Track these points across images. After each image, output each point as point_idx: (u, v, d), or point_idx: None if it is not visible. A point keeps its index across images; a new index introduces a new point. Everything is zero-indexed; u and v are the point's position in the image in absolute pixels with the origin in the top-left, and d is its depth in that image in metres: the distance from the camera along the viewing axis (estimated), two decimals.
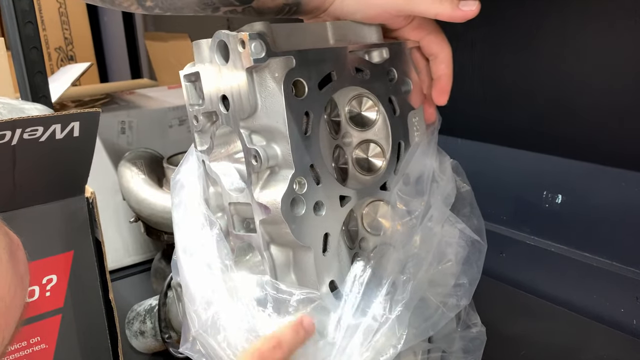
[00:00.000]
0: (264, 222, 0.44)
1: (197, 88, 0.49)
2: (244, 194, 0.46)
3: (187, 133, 1.05)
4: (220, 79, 0.45)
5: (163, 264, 0.87)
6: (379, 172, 0.51)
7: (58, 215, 0.60)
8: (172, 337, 0.73)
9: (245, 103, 0.43)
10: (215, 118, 0.48)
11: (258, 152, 0.43)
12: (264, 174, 0.44)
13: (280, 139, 0.43)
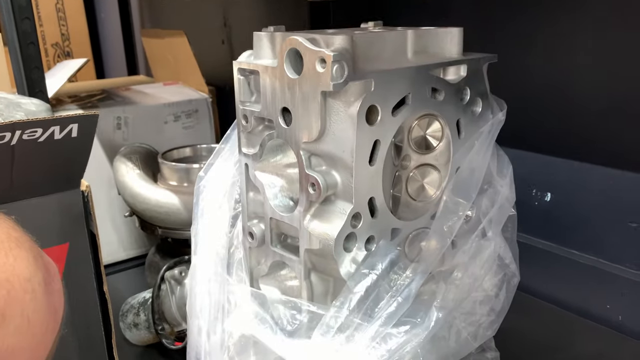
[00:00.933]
0: (310, 251, 0.41)
1: (250, 85, 0.45)
2: (290, 215, 0.42)
3: (182, 129, 1.06)
4: (284, 89, 0.40)
5: (157, 258, 0.88)
6: (432, 200, 0.47)
7: (54, 207, 0.61)
8: (165, 329, 0.75)
9: (311, 125, 0.39)
10: (269, 124, 0.44)
11: (318, 181, 0.39)
12: (318, 201, 0.41)
13: (343, 169, 0.39)
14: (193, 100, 1.07)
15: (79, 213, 0.64)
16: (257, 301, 0.43)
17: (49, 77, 0.94)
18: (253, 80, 0.44)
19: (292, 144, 0.41)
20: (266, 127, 0.44)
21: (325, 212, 0.40)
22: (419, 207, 0.47)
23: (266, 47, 0.42)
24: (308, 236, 0.41)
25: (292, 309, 0.42)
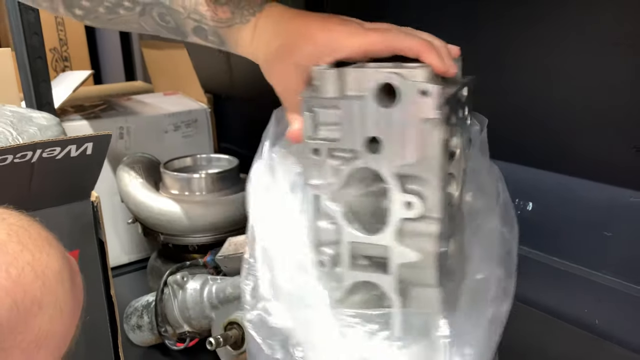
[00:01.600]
0: (405, 265, 0.45)
1: (315, 118, 0.46)
2: (378, 236, 0.45)
3: (181, 138, 1.11)
4: (373, 120, 0.43)
5: (159, 263, 0.93)
6: (454, 206, 0.51)
7: (66, 217, 0.66)
8: (168, 331, 0.79)
9: (407, 151, 0.43)
10: (346, 155, 0.46)
11: (415, 201, 0.43)
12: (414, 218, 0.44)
13: (429, 187, 0.44)
14: (193, 111, 1.11)
15: (89, 222, 0.68)
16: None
17: (53, 87, 0.98)
18: (321, 115, 0.46)
19: (381, 169, 0.44)
20: (339, 157, 0.46)
21: (414, 228, 0.45)
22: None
23: (331, 82, 0.45)
24: (401, 251, 0.45)
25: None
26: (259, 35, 0.51)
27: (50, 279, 0.39)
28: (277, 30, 0.51)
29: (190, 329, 0.78)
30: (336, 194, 0.46)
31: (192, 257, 0.88)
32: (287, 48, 0.50)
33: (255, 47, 0.52)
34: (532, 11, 0.85)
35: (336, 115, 0.45)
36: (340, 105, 0.44)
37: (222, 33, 0.52)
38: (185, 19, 0.51)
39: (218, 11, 0.51)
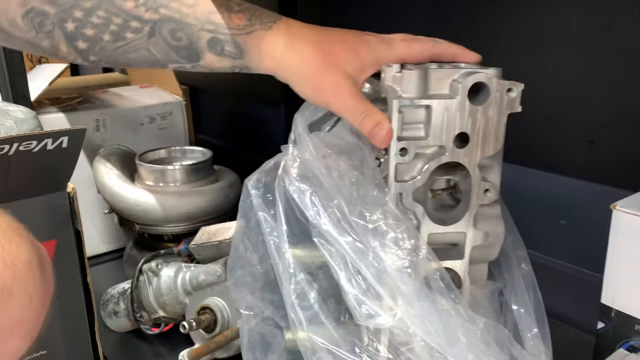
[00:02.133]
0: (478, 247, 0.50)
1: (402, 119, 0.47)
2: (456, 224, 0.49)
3: (157, 131, 1.13)
4: (463, 117, 0.46)
5: (134, 252, 0.96)
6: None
7: (42, 208, 0.68)
8: (143, 317, 0.82)
9: (492, 143, 0.47)
10: (432, 151, 0.48)
11: (493, 187, 0.48)
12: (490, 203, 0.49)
13: (496, 177, 0.50)
14: (168, 104, 1.13)
15: (65, 212, 0.71)
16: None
17: (29, 80, 1.00)
18: (407, 115, 0.47)
19: (465, 162, 0.48)
20: (423, 155, 0.48)
21: (486, 212, 0.50)
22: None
23: (415, 83, 0.47)
24: (475, 234, 0.50)
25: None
26: (288, 42, 0.49)
27: (20, 268, 0.41)
28: (313, 41, 0.49)
29: (165, 314, 0.81)
30: (417, 191, 0.49)
31: (167, 246, 0.91)
32: (332, 60, 0.48)
33: (285, 56, 0.49)
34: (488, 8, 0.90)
35: (422, 114, 0.47)
36: (433, 105, 0.46)
37: (241, 41, 0.48)
38: (199, 32, 0.47)
39: (233, 18, 0.48)
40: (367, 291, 0.48)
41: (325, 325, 0.52)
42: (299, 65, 0.49)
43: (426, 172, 0.48)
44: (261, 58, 0.49)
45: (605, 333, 0.60)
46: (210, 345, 0.75)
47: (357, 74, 0.49)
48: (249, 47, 0.49)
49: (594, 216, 0.83)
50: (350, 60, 0.48)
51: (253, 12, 0.49)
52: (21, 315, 0.42)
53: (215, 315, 0.75)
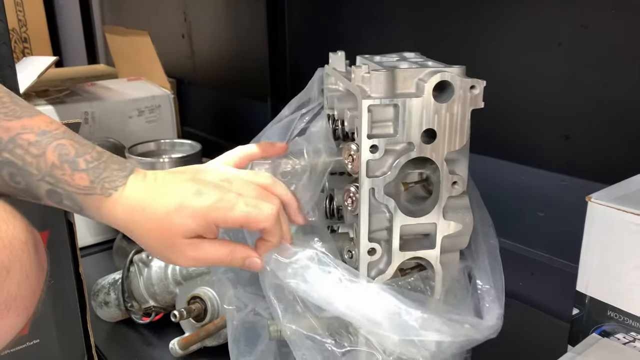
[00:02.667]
0: (448, 237, 0.52)
1: (371, 117, 0.49)
2: (427, 216, 0.52)
3: (145, 123, 1.14)
4: (429, 114, 0.49)
5: (124, 243, 0.97)
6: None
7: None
8: (134, 306, 0.84)
9: (457, 138, 0.50)
10: (401, 148, 0.50)
11: (461, 179, 0.51)
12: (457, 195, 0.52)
13: (463, 169, 0.52)
14: (156, 97, 1.14)
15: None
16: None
17: (17, 73, 1.00)
18: (376, 114, 0.49)
19: (433, 156, 0.50)
20: (392, 152, 0.50)
21: (455, 204, 0.53)
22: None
23: (383, 83, 0.49)
24: (448, 225, 0.52)
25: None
26: (127, 215, 0.48)
27: (17, 248, 0.44)
28: (150, 217, 0.48)
29: (156, 304, 0.83)
30: (391, 186, 0.51)
31: None
32: (173, 234, 0.48)
33: (126, 224, 0.49)
34: (474, 7, 0.92)
35: (390, 112, 0.49)
36: (400, 103, 0.48)
37: (80, 200, 0.48)
38: (38, 181, 0.48)
39: (75, 177, 0.47)
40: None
41: (304, 314, 0.55)
42: (140, 237, 0.49)
43: (396, 167, 0.51)
44: (102, 218, 0.49)
45: (580, 319, 0.63)
46: (200, 333, 0.77)
47: (200, 232, 0.49)
48: (88, 207, 0.49)
49: (570, 208, 0.87)
50: (190, 230, 0.48)
51: (99, 173, 0.48)
52: (18, 292, 0.45)
53: (206, 304, 0.77)
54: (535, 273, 0.93)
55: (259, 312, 0.64)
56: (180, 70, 1.58)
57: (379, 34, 1.09)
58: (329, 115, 0.60)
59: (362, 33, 1.12)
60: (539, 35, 0.86)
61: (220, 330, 0.77)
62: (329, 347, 0.53)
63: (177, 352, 0.79)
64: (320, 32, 1.23)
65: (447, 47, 0.96)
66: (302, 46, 1.29)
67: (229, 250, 0.51)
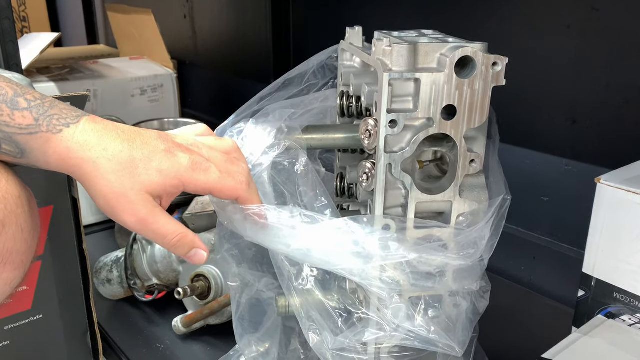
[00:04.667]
0: (463, 215, 0.52)
1: (391, 92, 0.49)
2: (443, 194, 0.51)
3: (147, 102, 1.14)
4: (450, 90, 0.48)
5: None
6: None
7: (40, 174, 0.68)
8: (137, 284, 0.84)
9: (477, 115, 0.49)
10: (420, 124, 0.50)
11: (479, 157, 0.50)
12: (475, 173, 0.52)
13: (480, 148, 0.52)
14: (159, 76, 1.14)
15: (62, 180, 0.71)
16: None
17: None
18: (396, 88, 0.49)
19: (452, 133, 0.50)
20: (411, 127, 0.50)
21: (471, 182, 0.52)
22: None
23: (405, 57, 0.48)
24: (464, 203, 0.52)
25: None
26: (81, 153, 0.43)
27: (11, 202, 0.45)
28: (110, 158, 0.44)
29: (159, 282, 0.83)
30: (405, 161, 0.50)
31: None
32: (132, 183, 0.44)
33: (77, 166, 0.44)
34: None
35: (411, 87, 0.49)
36: (421, 78, 0.48)
37: (21, 141, 0.43)
38: None
39: (16, 116, 0.43)
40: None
41: (314, 287, 0.55)
42: (91, 180, 0.44)
43: (414, 143, 0.50)
44: (47, 160, 0.44)
45: (585, 301, 0.64)
46: (204, 311, 0.77)
47: (162, 193, 0.45)
48: (31, 149, 0.44)
49: (575, 193, 0.87)
50: (154, 183, 0.44)
51: (44, 111, 0.43)
52: (14, 246, 0.45)
53: (209, 282, 0.77)
54: (538, 257, 0.94)
55: (263, 290, 0.64)
56: (181, 50, 1.57)
57: (384, 17, 1.08)
58: (343, 92, 0.59)
59: (367, 14, 1.11)
60: (548, 17, 0.85)
61: (224, 308, 0.77)
62: (337, 317, 0.53)
63: (180, 329, 0.79)
64: (325, 13, 1.22)
65: (453, 27, 0.95)
66: (306, 28, 1.28)
67: (182, 231, 0.46)
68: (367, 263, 0.49)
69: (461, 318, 0.54)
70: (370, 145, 0.51)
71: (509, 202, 0.55)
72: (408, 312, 0.52)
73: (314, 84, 0.67)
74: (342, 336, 0.52)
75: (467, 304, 0.55)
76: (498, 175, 0.57)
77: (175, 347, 0.79)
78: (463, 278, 0.53)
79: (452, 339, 0.53)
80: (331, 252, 0.49)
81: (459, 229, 0.52)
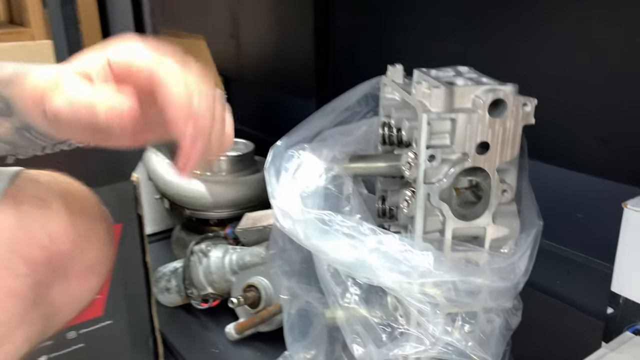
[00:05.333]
0: (496, 240, 0.57)
1: (430, 129, 0.53)
2: (477, 220, 0.56)
3: None
4: (484, 128, 0.53)
5: (183, 234, 1.04)
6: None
7: (112, 195, 0.77)
8: (193, 293, 0.91)
9: (509, 151, 0.54)
10: (456, 158, 0.55)
11: (510, 188, 0.55)
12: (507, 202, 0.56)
13: (512, 178, 0.56)
14: None
15: (130, 199, 0.79)
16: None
17: None
18: (435, 126, 0.53)
19: (485, 166, 0.55)
20: (448, 161, 0.55)
21: (504, 210, 0.57)
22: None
23: (442, 99, 0.53)
24: (497, 229, 0.57)
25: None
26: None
27: (96, 219, 0.54)
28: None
29: (213, 291, 0.90)
30: (442, 191, 0.56)
31: (212, 229, 0.99)
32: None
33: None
34: (514, 13, 0.96)
35: (448, 125, 0.54)
36: (457, 118, 0.53)
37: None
38: None
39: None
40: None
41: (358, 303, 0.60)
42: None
43: (451, 175, 0.55)
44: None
45: (614, 318, 0.67)
46: (255, 319, 0.84)
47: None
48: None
49: (608, 211, 0.90)
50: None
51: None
52: (97, 258, 0.54)
53: (260, 292, 0.84)
54: (572, 272, 0.97)
55: (311, 302, 0.70)
56: (227, 67, 1.65)
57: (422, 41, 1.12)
58: (384, 122, 0.65)
59: (406, 39, 1.16)
60: (581, 38, 0.89)
61: (273, 316, 0.83)
62: (380, 331, 0.59)
63: (233, 336, 0.85)
64: (366, 35, 1.27)
65: (486, 44, 1.00)
66: (348, 47, 1.34)
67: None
68: (411, 280, 0.55)
69: (494, 333, 0.59)
70: (410, 175, 0.56)
71: (542, 227, 0.60)
72: (446, 327, 0.57)
73: (357, 111, 0.73)
74: (385, 348, 0.57)
75: (500, 320, 0.60)
76: (529, 201, 0.62)
77: (229, 352, 0.86)
78: (498, 297, 0.58)
79: (486, 352, 0.58)
80: (379, 267, 0.55)
81: (494, 253, 0.57)
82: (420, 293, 0.56)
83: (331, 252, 0.57)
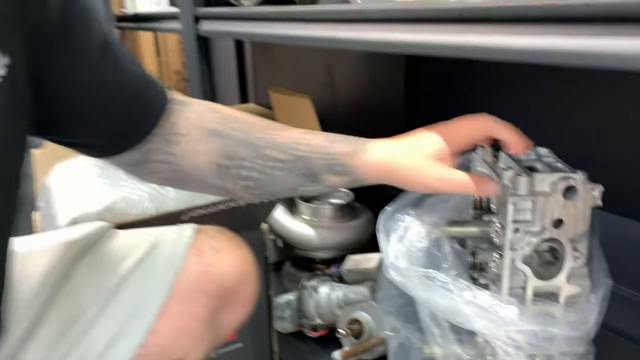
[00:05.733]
0: (570, 297, 0.68)
1: (515, 208, 0.65)
2: (555, 279, 0.68)
3: None
4: (559, 207, 0.64)
5: (293, 270, 1.22)
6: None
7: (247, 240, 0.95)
8: (305, 322, 1.07)
9: (580, 226, 0.65)
10: (534, 230, 0.66)
11: (581, 255, 0.65)
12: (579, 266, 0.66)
13: (584, 246, 0.67)
14: None
15: (261, 244, 0.97)
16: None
17: None
18: (519, 204, 0.65)
19: (561, 238, 0.68)
20: (529, 232, 0.66)
21: (576, 272, 0.69)
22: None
23: (525, 184, 0.65)
24: (570, 288, 0.69)
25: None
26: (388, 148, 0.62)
27: (250, 262, 0.74)
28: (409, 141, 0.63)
29: (322, 322, 1.06)
30: (525, 257, 0.69)
31: (318, 268, 1.16)
32: (427, 149, 0.63)
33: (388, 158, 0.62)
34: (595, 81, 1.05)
35: (529, 204, 0.66)
36: (537, 200, 0.65)
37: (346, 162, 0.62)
38: (316, 160, 0.62)
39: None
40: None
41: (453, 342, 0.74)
42: (405, 180, 0.62)
43: (532, 244, 0.68)
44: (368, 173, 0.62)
45: None
46: (358, 349, 0.99)
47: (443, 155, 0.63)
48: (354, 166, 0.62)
49: None
50: (436, 147, 0.62)
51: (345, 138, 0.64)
52: (251, 292, 0.75)
53: (362, 326, 0.99)
54: None
55: (410, 338, 0.84)
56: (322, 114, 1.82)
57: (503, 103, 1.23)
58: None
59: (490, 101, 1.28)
60: None
61: (374, 347, 0.98)
62: None
63: None
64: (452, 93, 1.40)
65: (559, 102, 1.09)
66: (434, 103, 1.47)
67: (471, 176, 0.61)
68: (500, 327, 0.68)
69: None
70: (498, 242, 0.70)
71: (610, 286, 0.71)
72: None
73: None
74: None
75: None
76: (599, 262, 0.73)
77: None
78: (572, 344, 0.70)
79: None
80: (472, 315, 0.69)
81: (568, 308, 0.69)
82: (507, 337, 0.69)
83: (433, 301, 0.71)
